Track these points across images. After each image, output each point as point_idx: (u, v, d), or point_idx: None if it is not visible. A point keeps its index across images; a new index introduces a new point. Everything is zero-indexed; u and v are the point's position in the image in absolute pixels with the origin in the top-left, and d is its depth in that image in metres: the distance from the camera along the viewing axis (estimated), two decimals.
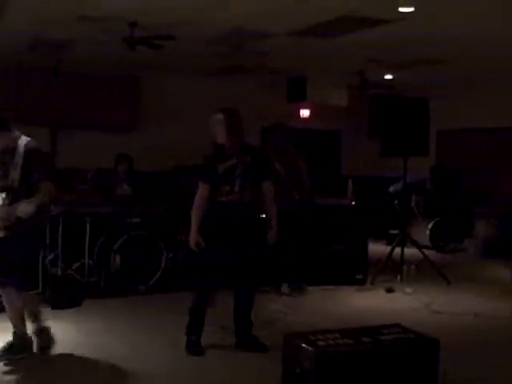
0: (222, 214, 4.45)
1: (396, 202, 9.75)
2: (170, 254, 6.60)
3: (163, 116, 10.22)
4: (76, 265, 6.34)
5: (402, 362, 3.70)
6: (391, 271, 7.25)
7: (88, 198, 6.76)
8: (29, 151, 4.03)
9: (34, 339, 4.27)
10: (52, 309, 5.50)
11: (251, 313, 4.61)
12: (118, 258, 6.24)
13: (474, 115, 10.32)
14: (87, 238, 6.31)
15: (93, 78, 9.57)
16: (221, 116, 4.49)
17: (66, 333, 4.83)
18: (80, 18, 6.52)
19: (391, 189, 10.28)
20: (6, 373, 3.94)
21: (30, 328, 4.29)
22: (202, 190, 4.48)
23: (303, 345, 3.59)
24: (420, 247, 7.66)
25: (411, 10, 5.98)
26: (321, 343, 3.59)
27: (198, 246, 4.40)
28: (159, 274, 6.43)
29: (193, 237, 4.42)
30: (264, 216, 4.73)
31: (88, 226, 6.31)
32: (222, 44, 7.74)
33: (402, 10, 5.98)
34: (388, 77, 9.99)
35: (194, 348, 4.43)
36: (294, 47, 7.83)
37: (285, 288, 6.52)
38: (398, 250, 7.32)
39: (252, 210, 4.54)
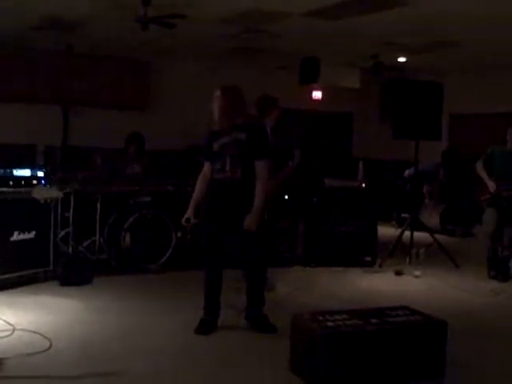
0: (214, 192, 4.44)
1: (408, 186, 9.73)
2: (180, 233, 6.64)
3: (174, 96, 10.21)
4: (87, 242, 6.41)
5: (409, 344, 3.71)
6: (400, 254, 7.26)
7: (99, 177, 6.77)
8: None
9: None
10: (62, 285, 5.57)
11: (263, 291, 4.58)
12: (128, 237, 6.28)
13: (487, 99, 10.22)
14: (98, 216, 6.35)
15: (104, 59, 9.60)
16: (218, 93, 4.44)
17: (76, 310, 4.89)
18: None
19: (406, 173, 10.27)
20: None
21: None
22: (205, 167, 4.56)
23: (312, 325, 3.61)
24: (430, 231, 7.65)
25: None
26: (330, 324, 3.61)
27: (187, 222, 4.45)
28: (169, 252, 6.48)
29: (187, 212, 4.48)
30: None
31: (99, 204, 6.35)
32: (234, 25, 7.70)
33: None
34: (402, 59, 9.91)
35: (201, 327, 4.41)
36: (308, 29, 7.77)
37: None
38: (407, 233, 7.34)
39: (242, 189, 4.33)
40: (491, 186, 6.41)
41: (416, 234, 7.46)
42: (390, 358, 3.64)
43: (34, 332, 4.20)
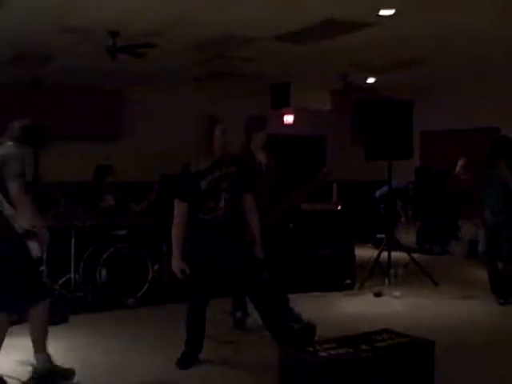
0: (206, 234, 4.15)
1: (382, 205, 9.78)
2: (157, 266, 6.55)
3: (146, 125, 10.18)
4: (62, 280, 6.28)
5: (400, 366, 3.71)
6: (379, 275, 7.26)
7: (72, 212, 6.68)
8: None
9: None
10: None
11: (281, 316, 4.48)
12: (104, 272, 6.18)
13: (456, 116, 10.37)
14: (73, 251, 6.24)
15: (75, 90, 9.54)
16: (206, 122, 4.19)
17: (53, 350, 4.75)
18: (62, 30, 6.48)
19: (377, 193, 10.31)
20: None
21: None
22: (179, 208, 4.15)
23: (305, 357, 3.56)
24: (407, 250, 7.68)
25: (392, 12, 6.00)
26: (322, 354, 3.57)
27: (183, 274, 4.11)
28: (147, 286, 6.37)
29: (175, 263, 4.11)
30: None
31: (73, 240, 6.24)
32: (204, 51, 7.72)
33: (382, 12, 6.01)
34: (370, 80, 10.02)
35: (182, 361, 4.30)
36: (279, 52, 7.83)
37: (239, 314, 5.52)
38: (385, 253, 7.34)
39: (236, 225, 4.22)
40: None
41: (393, 253, 7.48)
42: (384, 382, 3.62)
43: (7, 376, 4.06)
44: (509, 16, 6.15)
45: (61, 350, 4.79)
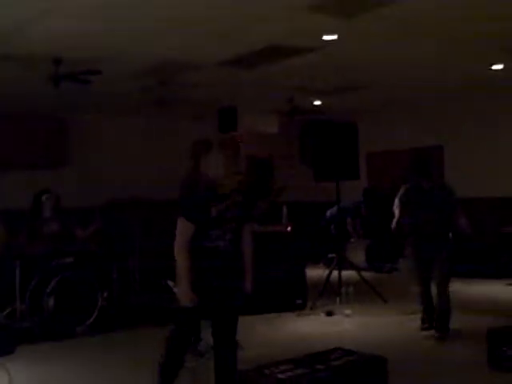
0: (212, 262, 3.75)
1: (332, 226, 9.89)
2: (106, 293, 6.44)
3: (92, 152, 10.09)
4: (7, 310, 6.09)
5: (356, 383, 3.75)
6: (330, 294, 7.31)
7: (16, 240, 6.51)
8: None
9: None
10: None
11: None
12: (51, 301, 6.02)
13: (401, 136, 10.63)
14: (17, 281, 6.07)
15: (16, 118, 9.38)
16: (214, 148, 3.92)
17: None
18: (3, 58, 6.38)
19: (327, 214, 10.42)
20: None
21: None
22: (188, 230, 3.68)
23: (262, 381, 3.57)
24: (357, 269, 7.77)
25: (335, 37, 6.14)
26: (280, 376, 3.58)
27: (192, 302, 3.68)
28: (96, 313, 6.25)
29: (187, 294, 3.66)
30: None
31: (18, 269, 6.07)
32: (149, 77, 7.71)
33: (325, 38, 6.14)
34: (317, 102, 10.18)
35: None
36: (223, 78, 7.88)
37: (202, 346, 5.31)
38: (336, 273, 7.41)
39: (239, 256, 3.92)
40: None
41: (344, 272, 7.55)
42: None
43: None
44: (454, 43, 6.42)
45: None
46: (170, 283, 5.12)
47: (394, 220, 6.00)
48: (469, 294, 7.61)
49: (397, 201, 6.03)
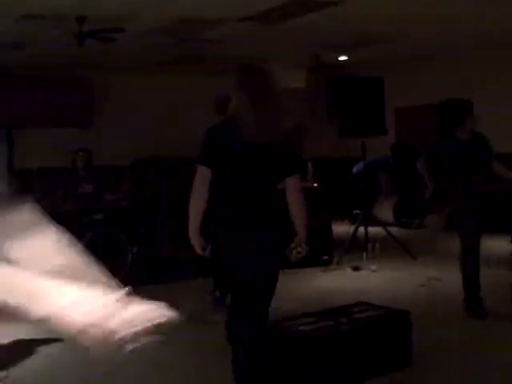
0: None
1: (361, 181, 9.83)
2: (136, 248, 6.59)
3: (118, 111, 10.15)
4: None
5: (378, 338, 3.79)
6: (356, 250, 7.35)
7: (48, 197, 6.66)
8: None
9: None
10: None
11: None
12: None
13: (429, 91, 10.44)
14: None
15: (44, 78, 9.50)
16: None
17: None
18: (29, 17, 6.41)
19: (354, 169, 10.35)
20: None
21: None
22: (202, 173, 3.39)
23: (284, 332, 3.60)
24: (383, 224, 7.77)
25: None
26: (302, 328, 3.61)
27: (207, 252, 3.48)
28: (126, 269, 6.40)
29: (197, 245, 3.43)
30: None
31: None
32: (172, 35, 7.67)
33: None
34: (342, 58, 10.04)
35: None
36: (247, 33, 7.80)
37: (217, 293, 5.46)
38: (362, 228, 7.43)
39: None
40: None
41: (371, 228, 7.56)
42: (361, 355, 3.69)
43: None
44: None
45: None
46: None
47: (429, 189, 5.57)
48: None
49: (422, 163, 5.57)
